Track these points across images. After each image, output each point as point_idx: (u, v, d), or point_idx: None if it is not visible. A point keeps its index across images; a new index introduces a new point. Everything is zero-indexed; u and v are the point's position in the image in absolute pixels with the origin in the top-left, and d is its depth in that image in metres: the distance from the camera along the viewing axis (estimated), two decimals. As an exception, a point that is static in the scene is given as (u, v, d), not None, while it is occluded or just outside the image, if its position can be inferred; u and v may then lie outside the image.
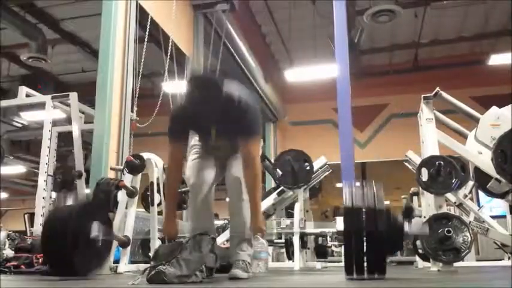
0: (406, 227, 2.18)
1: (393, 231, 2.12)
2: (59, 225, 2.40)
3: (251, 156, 2.52)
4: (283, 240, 5.96)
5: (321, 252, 6.24)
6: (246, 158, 2.54)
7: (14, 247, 4.22)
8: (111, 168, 4.27)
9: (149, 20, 5.58)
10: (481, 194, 6.48)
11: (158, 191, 3.85)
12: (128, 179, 3.74)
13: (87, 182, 4.49)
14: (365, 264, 2.08)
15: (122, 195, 3.75)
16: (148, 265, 2.24)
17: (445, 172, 3.67)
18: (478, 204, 5.59)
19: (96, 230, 2.55)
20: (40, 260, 3.51)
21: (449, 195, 4.55)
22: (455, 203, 5.22)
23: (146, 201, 4.00)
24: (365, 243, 2.07)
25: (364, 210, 2.10)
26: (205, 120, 2.53)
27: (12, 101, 5.29)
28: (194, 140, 2.80)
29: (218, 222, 5.70)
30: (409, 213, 4.60)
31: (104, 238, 2.58)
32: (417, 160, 4.76)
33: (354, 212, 2.10)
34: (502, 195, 4.26)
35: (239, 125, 2.50)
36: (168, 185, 2.64)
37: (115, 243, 3.59)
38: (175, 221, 2.56)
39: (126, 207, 3.73)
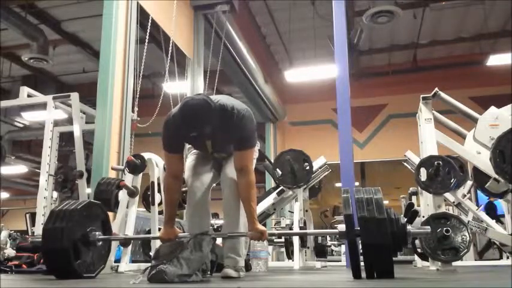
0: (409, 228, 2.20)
1: (398, 236, 2.14)
2: (59, 226, 2.41)
3: (246, 165, 2.52)
4: (283, 240, 5.98)
5: (321, 251, 6.26)
6: (240, 167, 2.53)
7: (16, 246, 4.24)
8: (112, 168, 4.29)
9: (150, 20, 5.60)
10: (479, 193, 6.50)
11: (159, 191, 3.87)
12: (128, 178, 3.77)
13: (88, 181, 4.51)
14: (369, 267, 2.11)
15: (122, 195, 3.77)
16: (149, 264, 2.26)
17: (444, 172, 3.69)
18: (477, 204, 5.61)
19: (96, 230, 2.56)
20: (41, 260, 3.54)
21: (448, 195, 4.57)
22: (453, 202, 5.24)
23: (147, 201, 4.03)
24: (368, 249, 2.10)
25: (365, 216, 2.12)
26: (199, 140, 2.56)
27: (13, 101, 5.31)
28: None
29: (218, 222, 5.72)
30: (413, 217, 4.61)
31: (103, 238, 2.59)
32: (416, 160, 4.78)
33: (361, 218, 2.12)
34: (500, 195, 4.29)
35: (234, 137, 2.51)
36: (166, 193, 2.60)
37: (116, 243, 3.62)
38: (174, 228, 2.56)
39: (127, 207, 3.76)
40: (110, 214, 3.38)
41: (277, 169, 5.03)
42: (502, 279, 2.26)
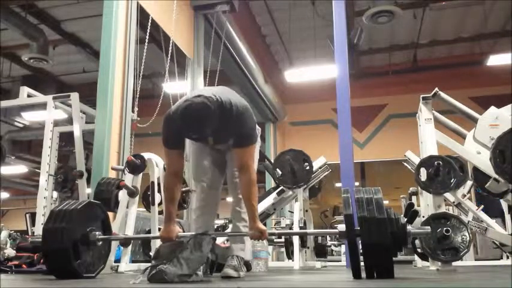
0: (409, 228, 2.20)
1: (398, 236, 2.14)
2: (59, 226, 2.41)
3: (246, 163, 2.51)
4: (283, 240, 5.98)
5: (321, 251, 6.26)
6: (240, 165, 2.53)
7: (16, 246, 4.24)
8: (112, 168, 4.29)
9: (150, 20, 5.61)
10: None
11: (159, 191, 3.87)
12: (128, 178, 3.77)
13: (88, 181, 4.51)
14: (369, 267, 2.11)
15: (122, 195, 3.77)
16: (149, 264, 2.26)
17: (444, 172, 3.69)
18: (477, 204, 5.61)
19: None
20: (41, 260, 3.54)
21: (448, 195, 4.57)
22: (453, 202, 5.24)
23: (147, 201, 4.03)
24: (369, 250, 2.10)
25: (365, 216, 2.12)
26: (200, 139, 2.58)
27: (13, 101, 5.31)
28: None
29: (218, 222, 5.72)
30: (413, 217, 4.62)
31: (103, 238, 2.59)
32: (416, 160, 4.78)
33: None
34: (500, 195, 4.29)
35: (233, 132, 2.51)
36: (167, 191, 2.59)
37: (116, 243, 3.62)
38: (174, 226, 2.56)
39: (127, 207, 3.76)
40: (110, 214, 3.38)
41: (277, 169, 5.03)
42: (502, 279, 2.26)
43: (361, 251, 2.18)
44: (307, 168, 4.96)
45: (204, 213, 2.75)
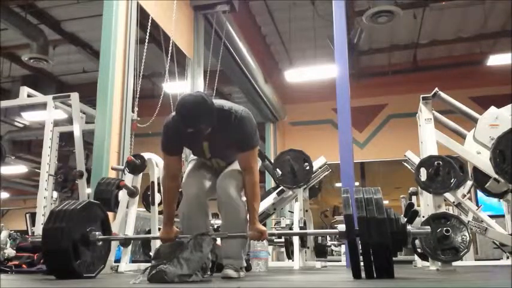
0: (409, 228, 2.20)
1: (398, 236, 2.14)
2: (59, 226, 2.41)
3: (250, 166, 2.57)
4: (283, 240, 5.98)
5: (321, 251, 6.26)
6: (245, 167, 2.58)
7: (16, 246, 4.24)
8: (112, 168, 4.29)
9: (150, 20, 5.61)
10: (479, 193, 6.50)
11: (159, 191, 3.87)
12: (128, 178, 3.77)
13: (88, 181, 4.51)
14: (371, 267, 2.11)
15: (122, 195, 3.78)
16: (149, 264, 2.26)
17: (444, 172, 3.69)
18: (477, 204, 5.61)
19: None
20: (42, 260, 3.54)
21: (448, 195, 4.57)
22: (453, 202, 5.24)
23: (147, 201, 4.03)
24: (369, 250, 2.10)
25: (365, 216, 2.12)
26: (197, 140, 2.57)
27: (13, 101, 5.31)
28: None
29: (218, 222, 5.71)
30: (413, 217, 4.62)
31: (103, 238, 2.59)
32: (416, 160, 4.78)
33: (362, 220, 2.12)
34: (500, 195, 4.29)
35: (234, 139, 2.53)
36: (164, 194, 2.63)
37: (116, 243, 3.62)
38: (173, 227, 2.58)
39: (127, 207, 3.76)
40: (110, 214, 3.38)
41: (277, 169, 5.03)
42: (502, 279, 2.26)
43: (361, 251, 2.18)
44: (307, 168, 4.96)
45: (197, 217, 2.66)
